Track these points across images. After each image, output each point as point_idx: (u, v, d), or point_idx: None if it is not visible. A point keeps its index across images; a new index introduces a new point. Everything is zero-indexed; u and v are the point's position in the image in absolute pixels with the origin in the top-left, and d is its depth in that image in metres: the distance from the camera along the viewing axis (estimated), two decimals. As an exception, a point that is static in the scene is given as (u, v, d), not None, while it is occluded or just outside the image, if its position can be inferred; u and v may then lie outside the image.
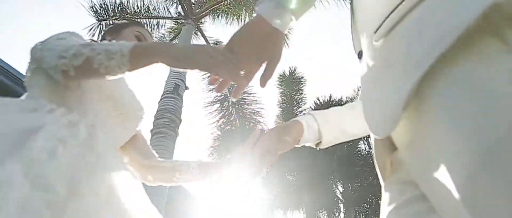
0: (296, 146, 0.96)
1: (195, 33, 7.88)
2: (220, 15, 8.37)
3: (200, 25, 8.06)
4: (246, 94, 8.79)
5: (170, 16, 8.13)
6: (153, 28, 8.10)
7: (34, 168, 0.54)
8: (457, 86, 0.42)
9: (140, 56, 0.74)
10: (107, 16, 7.55)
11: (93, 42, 0.87)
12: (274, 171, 10.10)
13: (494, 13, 0.41)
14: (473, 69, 0.41)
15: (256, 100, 9.08)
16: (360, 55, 0.72)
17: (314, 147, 0.99)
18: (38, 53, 0.86)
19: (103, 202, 0.62)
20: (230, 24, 8.48)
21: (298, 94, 11.39)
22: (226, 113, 8.73)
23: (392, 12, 0.54)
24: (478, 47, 0.42)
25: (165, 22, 8.27)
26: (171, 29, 8.48)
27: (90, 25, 7.58)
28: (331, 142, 0.98)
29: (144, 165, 1.05)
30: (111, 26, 1.24)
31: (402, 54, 0.49)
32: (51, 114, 0.75)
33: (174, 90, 5.62)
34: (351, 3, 0.80)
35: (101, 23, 7.61)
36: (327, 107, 1.05)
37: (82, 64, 0.76)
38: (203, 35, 8.25)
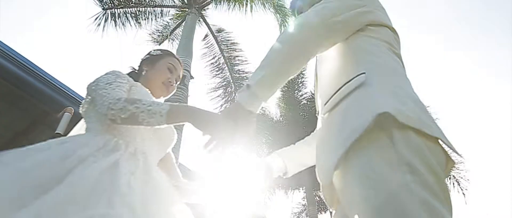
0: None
1: (198, 20, 8.01)
2: (222, 1, 8.46)
3: (203, 12, 8.17)
4: (247, 79, 8.97)
5: (173, 4, 8.23)
6: (158, 17, 8.22)
7: (126, 200, 0.83)
8: (361, 163, 0.69)
9: (175, 118, 0.97)
10: (112, 5, 7.65)
11: (138, 98, 1.05)
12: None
13: (386, 117, 0.68)
14: (370, 154, 0.69)
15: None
16: (318, 114, 1.00)
17: (282, 176, 1.30)
18: (92, 94, 1.11)
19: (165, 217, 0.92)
20: (232, 10, 8.58)
21: (299, 78, 11.45)
22: (229, 98, 8.99)
23: (335, 93, 0.82)
24: (375, 139, 0.70)
25: (169, 10, 8.39)
26: (175, 16, 8.58)
27: (96, 14, 7.71)
28: (294, 172, 1.29)
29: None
30: (148, 56, 1.44)
31: (336, 132, 0.78)
32: (118, 151, 1.00)
33: (180, 81, 5.84)
34: (316, 68, 1.07)
35: (107, 11, 7.73)
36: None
37: (128, 117, 0.97)
38: (206, 23, 8.38)
